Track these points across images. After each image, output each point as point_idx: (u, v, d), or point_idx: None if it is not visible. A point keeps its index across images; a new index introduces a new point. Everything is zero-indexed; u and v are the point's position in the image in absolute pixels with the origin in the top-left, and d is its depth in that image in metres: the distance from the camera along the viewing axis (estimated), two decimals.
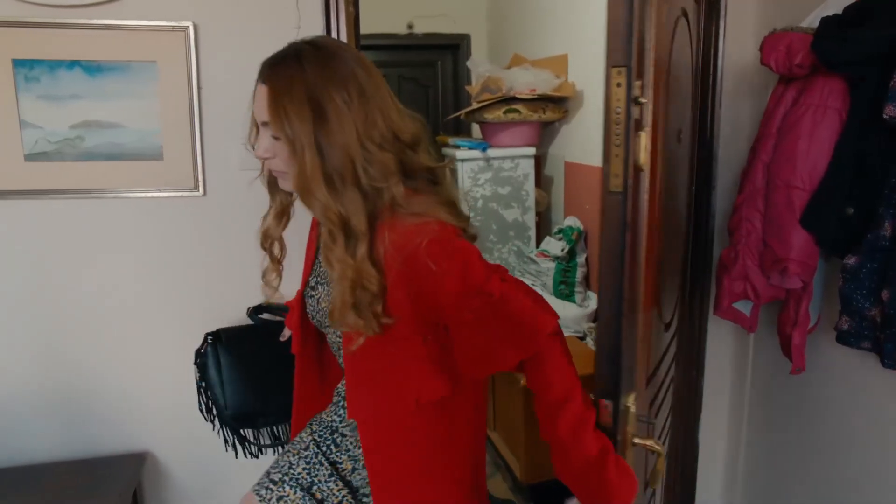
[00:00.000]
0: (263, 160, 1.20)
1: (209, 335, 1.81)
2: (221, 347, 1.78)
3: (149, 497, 1.99)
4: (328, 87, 1.08)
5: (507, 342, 1.11)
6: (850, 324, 1.47)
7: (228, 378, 1.77)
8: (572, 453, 1.10)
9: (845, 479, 1.70)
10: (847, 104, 1.49)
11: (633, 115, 1.11)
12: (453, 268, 1.08)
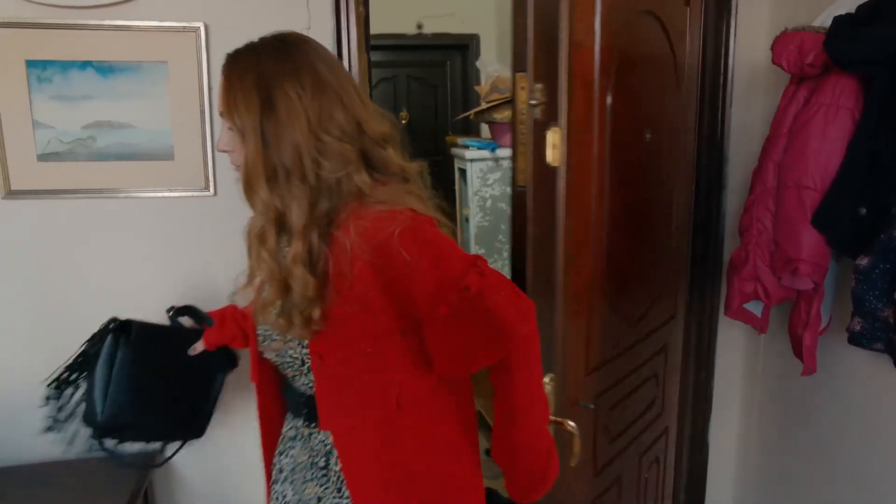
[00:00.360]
0: (226, 153, 1.17)
1: (113, 322, 1.53)
2: (124, 341, 1.50)
3: (160, 497, 2.00)
4: (280, 78, 1.06)
5: (480, 341, 1.05)
6: (862, 325, 1.46)
7: (117, 379, 1.47)
8: (520, 452, 1.11)
9: (857, 481, 1.68)
10: (860, 104, 1.48)
11: (534, 115, 1.22)
12: (426, 259, 1.03)
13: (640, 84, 1.66)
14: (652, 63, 1.70)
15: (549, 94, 1.28)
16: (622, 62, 1.50)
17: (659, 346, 1.91)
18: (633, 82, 1.59)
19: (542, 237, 1.31)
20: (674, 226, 1.93)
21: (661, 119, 1.77)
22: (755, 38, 1.98)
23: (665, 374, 1.98)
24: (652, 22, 1.63)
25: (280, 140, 1.05)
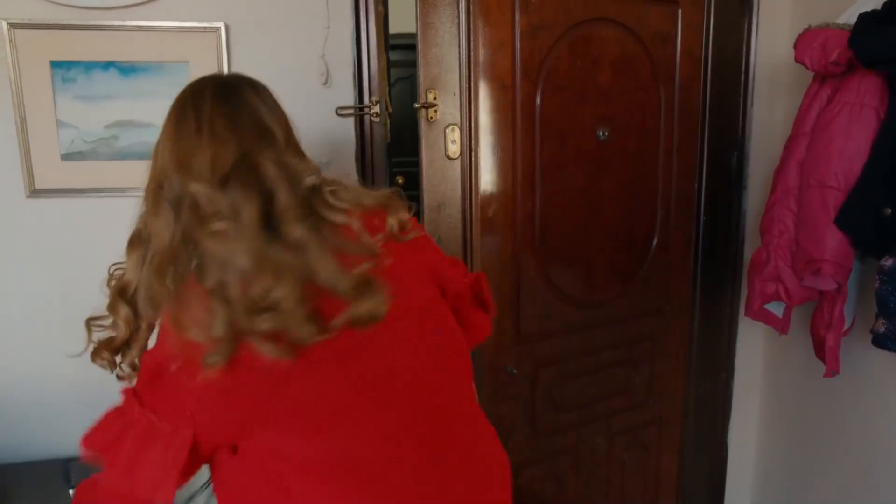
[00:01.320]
0: None
1: None
2: None
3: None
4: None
5: None
6: (886, 326, 1.44)
7: None
8: None
9: (880, 485, 1.66)
10: (884, 102, 1.46)
11: (427, 116, 1.63)
12: None
13: (592, 86, 1.82)
14: (612, 66, 1.82)
15: (447, 99, 1.64)
16: (559, 68, 1.74)
17: (636, 335, 2.04)
18: (579, 85, 1.80)
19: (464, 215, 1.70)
20: (658, 221, 1.99)
21: (626, 118, 1.88)
22: (777, 36, 1.97)
23: (652, 363, 2.07)
24: (609, 27, 1.80)
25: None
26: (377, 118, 1.87)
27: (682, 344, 2.13)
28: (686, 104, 1.95)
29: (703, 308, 2.13)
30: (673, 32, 1.88)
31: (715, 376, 2.19)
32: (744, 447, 2.27)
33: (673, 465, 2.22)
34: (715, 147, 2.02)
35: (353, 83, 1.86)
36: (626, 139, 1.89)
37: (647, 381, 2.09)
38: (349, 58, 1.85)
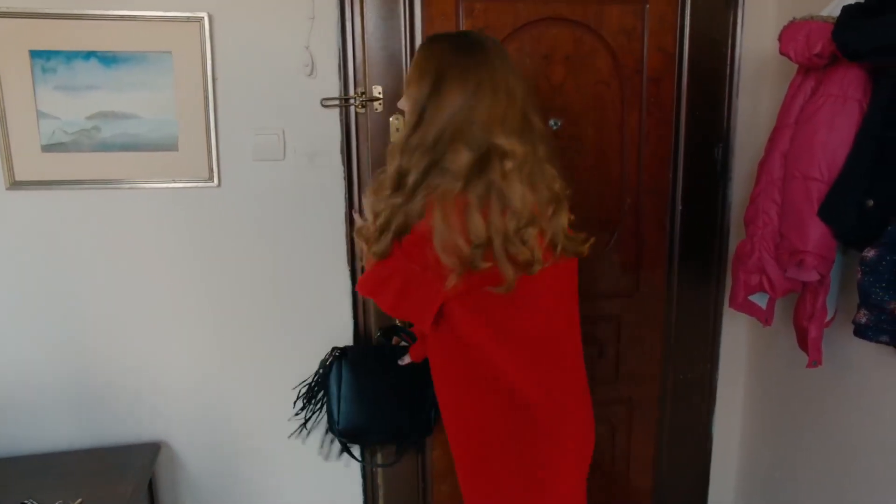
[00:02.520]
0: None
1: (335, 349, 1.89)
2: (346, 363, 1.85)
3: (163, 487, 2.01)
4: (454, 69, 1.27)
5: None
6: (868, 317, 1.45)
7: (346, 395, 1.84)
8: None
9: (862, 473, 1.68)
10: (868, 94, 1.47)
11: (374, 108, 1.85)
12: None
13: (543, 81, 1.93)
14: (566, 61, 1.92)
15: (392, 92, 1.81)
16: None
17: (599, 314, 2.11)
18: (529, 80, 1.79)
19: None
20: (625, 209, 2.05)
21: (583, 110, 1.96)
22: (763, 28, 1.97)
23: (618, 344, 2.15)
24: (561, 26, 1.89)
25: (432, 120, 1.25)
26: (362, 109, 1.86)
27: (656, 330, 2.17)
28: (657, 97, 1.99)
29: (683, 297, 2.14)
30: (639, 27, 1.93)
31: (699, 365, 2.21)
32: (728, 435, 2.29)
33: (648, 448, 2.26)
34: (696, 138, 2.03)
35: (339, 74, 1.85)
36: (583, 130, 1.97)
37: (613, 360, 2.16)
38: (334, 49, 1.84)
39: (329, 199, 1.92)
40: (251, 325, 1.96)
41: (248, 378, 1.99)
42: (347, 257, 1.95)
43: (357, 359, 1.88)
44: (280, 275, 1.94)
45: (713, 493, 2.33)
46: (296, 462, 2.08)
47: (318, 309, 1.98)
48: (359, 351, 1.92)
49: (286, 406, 2.02)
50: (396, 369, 1.83)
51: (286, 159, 1.88)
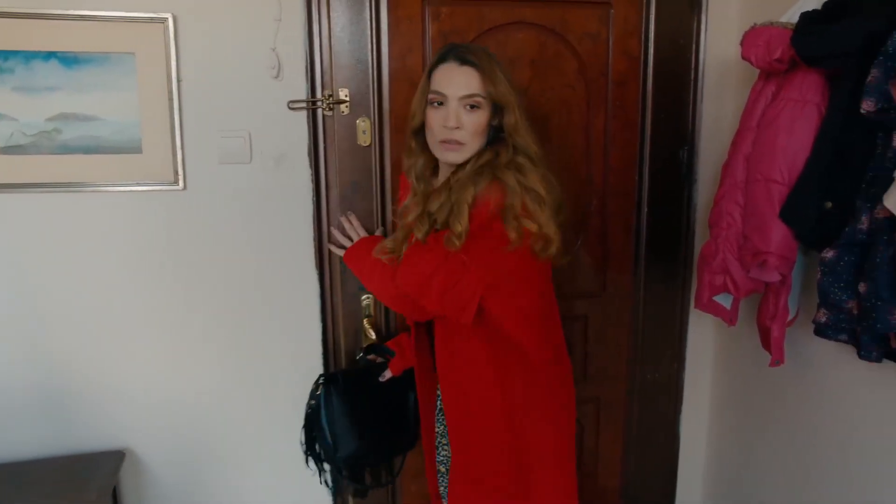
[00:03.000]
0: (447, 137, 1.47)
1: (321, 378, 1.83)
2: (335, 391, 1.78)
3: (128, 495, 1.97)
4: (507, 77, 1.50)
5: None
6: (827, 316, 1.48)
7: (340, 422, 1.77)
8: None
9: (823, 466, 1.71)
10: (826, 99, 1.50)
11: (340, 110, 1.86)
12: None
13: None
14: (532, 65, 1.94)
15: (359, 95, 1.86)
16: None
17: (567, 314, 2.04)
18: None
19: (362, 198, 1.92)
20: (591, 211, 2.08)
21: (548, 112, 1.99)
22: (726, 33, 2.00)
23: (585, 344, 2.18)
24: (527, 30, 1.91)
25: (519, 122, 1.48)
26: (329, 112, 1.86)
27: (623, 330, 2.19)
28: (622, 100, 2.01)
29: (651, 298, 2.17)
30: (604, 31, 1.96)
31: (666, 365, 2.23)
32: (695, 434, 2.32)
33: (616, 447, 2.28)
34: (661, 141, 2.06)
35: (306, 76, 1.84)
36: (548, 132, 1.98)
37: (581, 361, 2.17)
38: (301, 51, 1.83)
39: (297, 202, 1.90)
40: (217, 331, 1.94)
41: (215, 384, 1.97)
42: (315, 261, 1.94)
43: (346, 384, 1.81)
44: (247, 279, 1.93)
45: (681, 492, 2.36)
46: (264, 468, 2.06)
47: (286, 313, 1.96)
48: (345, 375, 1.85)
49: (253, 411, 2.00)
50: (379, 387, 1.83)
51: (253, 162, 1.87)
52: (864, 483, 1.57)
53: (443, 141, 1.47)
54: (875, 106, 1.29)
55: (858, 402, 1.58)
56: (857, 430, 1.59)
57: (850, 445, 1.61)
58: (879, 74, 1.28)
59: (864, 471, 1.57)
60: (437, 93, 1.46)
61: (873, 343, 1.38)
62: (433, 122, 1.47)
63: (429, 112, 1.48)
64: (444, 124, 1.44)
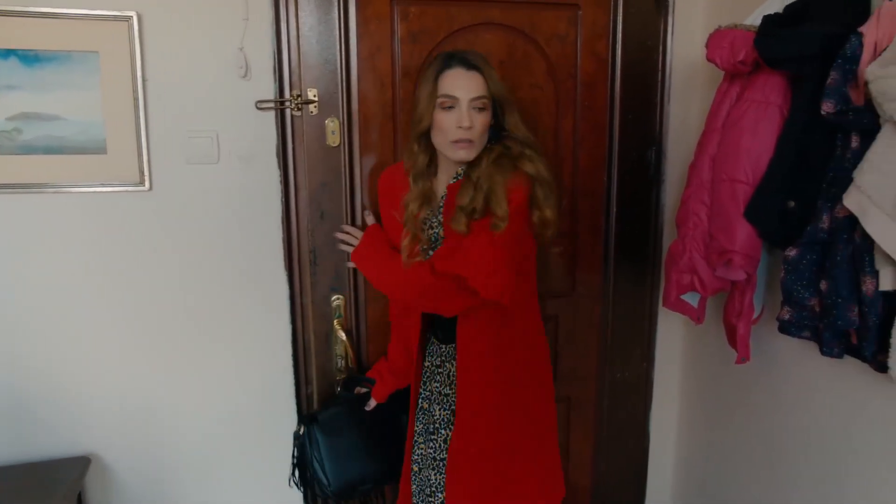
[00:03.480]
0: (461, 136, 1.54)
1: (302, 419, 1.88)
2: (317, 429, 1.83)
3: (94, 501, 1.94)
4: None
5: None
6: (791, 314, 1.51)
7: (327, 456, 1.82)
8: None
9: (789, 461, 1.74)
10: (788, 100, 1.53)
11: (309, 110, 1.85)
12: None
13: None
14: (500, 66, 1.92)
15: (327, 95, 1.85)
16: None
17: None
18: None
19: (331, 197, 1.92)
20: (560, 212, 2.00)
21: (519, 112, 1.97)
22: (692, 35, 2.03)
23: (557, 345, 2.18)
24: (495, 31, 1.93)
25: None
26: (298, 112, 1.84)
27: (593, 330, 2.21)
28: (591, 101, 2.03)
29: (620, 297, 2.19)
30: (573, 33, 1.97)
31: (635, 364, 2.26)
32: (664, 432, 2.35)
33: (586, 446, 2.30)
34: (629, 142, 2.08)
35: (274, 76, 1.83)
36: None
37: (551, 360, 2.09)
38: (269, 50, 1.81)
39: (265, 203, 1.89)
40: (185, 333, 1.91)
41: (183, 388, 1.94)
42: (285, 262, 1.92)
43: (327, 420, 1.84)
44: (215, 282, 1.90)
45: (651, 489, 2.39)
46: (233, 475, 2.03)
47: (255, 315, 1.95)
48: (326, 411, 1.87)
49: (222, 416, 1.98)
50: (366, 416, 1.87)
51: (220, 162, 1.85)
52: (828, 475, 1.60)
53: (455, 141, 1.54)
54: (834, 108, 1.31)
55: (821, 398, 1.61)
56: (820, 425, 1.62)
57: (814, 440, 1.64)
58: (838, 77, 1.31)
59: (827, 464, 1.60)
60: (449, 96, 1.53)
61: (835, 340, 1.41)
62: (445, 124, 1.54)
63: (438, 115, 1.55)
64: (459, 125, 1.52)
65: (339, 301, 1.96)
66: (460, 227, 1.53)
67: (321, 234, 1.91)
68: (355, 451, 1.84)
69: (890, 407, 1.41)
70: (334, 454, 1.82)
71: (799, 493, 1.70)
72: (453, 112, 1.53)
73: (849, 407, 1.52)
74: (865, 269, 1.28)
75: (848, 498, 1.53)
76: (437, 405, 1.75)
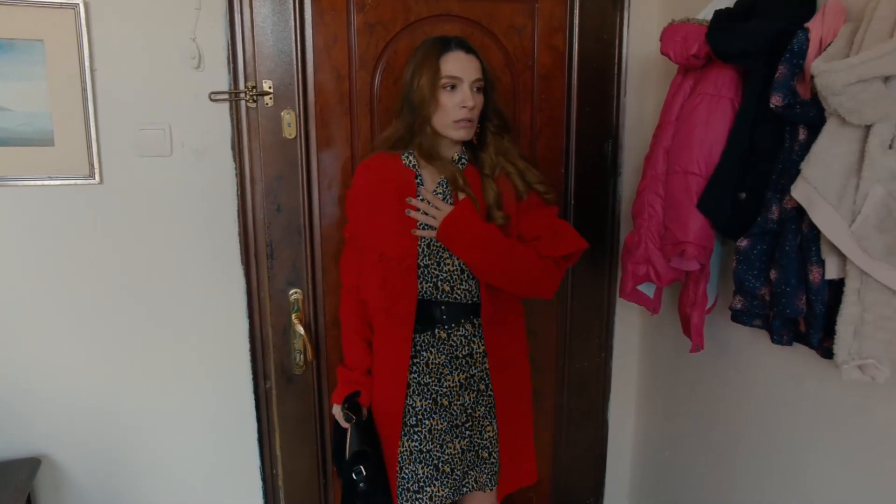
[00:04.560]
0: (463, 116, 1.58)
1: (356, 459, 1.70)
2: (367, 468, 1.68)
3: (46, 500, 1.89)
4: None
5: None
6: (742, 303, 1.54)
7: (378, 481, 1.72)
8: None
9: (742, 445, 1.79)
10: (739, 94, 1.55)
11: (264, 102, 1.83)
12: None
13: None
14: None
15: (283, 87, 1.82)
16: (398, 60, 1.88)
17: None
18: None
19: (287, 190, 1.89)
20: None
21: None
22: (648, 29, 2.05)
23: None
24: (453, 22, 1.93)
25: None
26: (253, 104, 1.81)
27: (552, 321, 2.23)
28: (548, 94, 2.04)
29: (579, 289, 2.21)
30: (530, 26, 1.98)
31: (594, 354, 2.28)
32: (623, 421, 2.38)
33: (546, 436, 2.32)
34: (586, 134, 2.09)
35: (228, 68, 1.80)
36: None
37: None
38: (222, 41, 1.78)
39: (220, 197, 1.86)
40: (138, 332, 1.88)
41: (138, 386, 1.91)
42: (241, 256, 1.90)
43: (376, 459, 1.72)
44: (169, 277, 1.87)
45: (609, 477, 2.42)
46: (189, 476, 2.00)
47: (211, 311, 1.92)
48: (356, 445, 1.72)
49: (178, 412, 1.95)
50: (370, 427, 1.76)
51: (173, 155, 1.81)
52: (781, 456, 1.64)
53: (457, 120, 1.59)
54: (782, 101, 1.34)
55: (772, 384, 1.65)
56: (771, 410, 1.66)
57: (766, 425, 1.69)
58: (786, 71, 1.34)
59: (780, 445, 1.64)
60: (454, 77, 1.58)
61: (784, 327, 1.44)
62: (448, 104, 1.58)
63: (442, 95, 1.58)
64: (463, 104, 1.57)
65: (297, 295, 1.94)
66: (500, 221, 1.62)
67: (278, 227, 1.89)
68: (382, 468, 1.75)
69: (834, 391, 1.45)
70: (380, 476, 1.73)
71: (754, 477, 1.74)
72: (456, 93, 1.58)
73: (797, 392, 1.57)
74: (812, 259, 1.31)
75: (800, 480, 1.58)
76: (417, 396, 1.70)
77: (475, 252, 1.60)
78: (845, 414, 1.43)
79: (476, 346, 1.71)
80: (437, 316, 1.67)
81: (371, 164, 1.71)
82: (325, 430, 2.07)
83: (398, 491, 1.71)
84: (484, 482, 1.76)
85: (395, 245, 1.63)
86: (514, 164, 1.67)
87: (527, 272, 1.62)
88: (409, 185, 1.65)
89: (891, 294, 1.20)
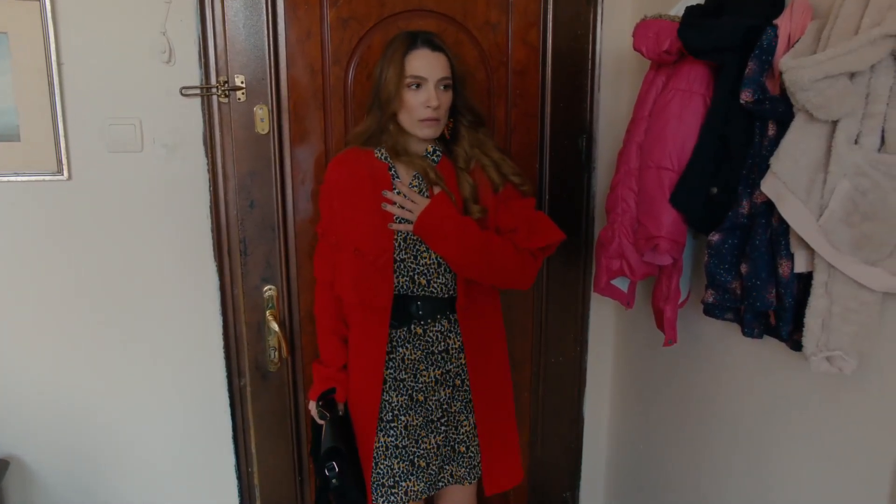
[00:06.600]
0: (428, 116, 1.57)
1: (324, 457, 1.70)
2: (339, 463, 1.68)
3: (14, 498, 1.86)
4: None
5: None
6: (714, 297, 1.55)
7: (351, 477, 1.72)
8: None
9: (714, 437, 1.81)
10: (711, 89, 1.57)
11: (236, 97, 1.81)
12: None
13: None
14: None
15: (255, 82, 1.81)
16: (372, 55, 1.87)
17: None
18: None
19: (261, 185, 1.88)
20: None
21: None
22: (621, 25, 2.06)
23: None
24: (428, 18, 1.92)
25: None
26: (225, 99, 1.79)
27: (527, 316, 2.24)
28: (523, 89, 2.05)
29: (554, 283, 2.22)
30: (504, 21, 1.98)
31: (569, 349, 2.30)
32: (598, 414, 2.40)
33: (522, 430, 2.31)
34: (561, 130, 2.10)
35: (199, 62, 1.77)
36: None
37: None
38: (194, 35, 1.76)
39: (192, 193, 1.84)
40: (110, 331, 1.85)
41: (110, 385, 1.88)
42: (214, 253, 1.88)
43: (349, 456, 1.72)
44: (141, 274, 1.84)
45: (585, 470, 2.44)
46: (161, 477, 1.98)
47: (183, 307, 1.89)
48: (330, 439, 1.73)
49: (151, 410, 1.92)
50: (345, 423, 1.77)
51: (144, 151, 1.78)
52: (752, 450, 1.66)
53: (423, 119, 1.58)
54: (752, 97, 1.36)
55: (743, 376, 1.68)
56: (743, 403, 1.69)
57: (738, 414, 1.71)
58: (756, 67, 1.35)
59: (752, 437, 1.66)
60: (418, 77, 1.56)
61: (755, 321, 1.46)
62: (413, 103, 1.57)
63: (406, 94, 1.57)
64: (427, 104, 1.56)
65: (272, 292, 1.93)
66: (477, 214, 1.62)
67: (251, 223, 1.87)
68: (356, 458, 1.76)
69: (804, 382, 1.47)
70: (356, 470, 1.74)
71: (727, 469, 1.77)
72: (421, 91, 1.57)
73: (768, 384, 1.59)
74: (782, 253, 1.33)
75: (771, 471, 1.60)
76: (393, 392, 1.70)
77: (452, 245, 1.60)
78: (814, 404, 1.46)
79: (452, 342, 1.70)
80: (413, 312, 1.67)
81: (344, 159, 1.70)
82: (301, 428, 2.06)
83: (373, 486, 1.71)
84: (462, 475, 1.77)
85: (370, 240, 1.62)
86: (489, 156, 1.67)
87: (504, 264, 1.63)
88: (383, 180, 1.64)
89: (857, 287, 1.22)
